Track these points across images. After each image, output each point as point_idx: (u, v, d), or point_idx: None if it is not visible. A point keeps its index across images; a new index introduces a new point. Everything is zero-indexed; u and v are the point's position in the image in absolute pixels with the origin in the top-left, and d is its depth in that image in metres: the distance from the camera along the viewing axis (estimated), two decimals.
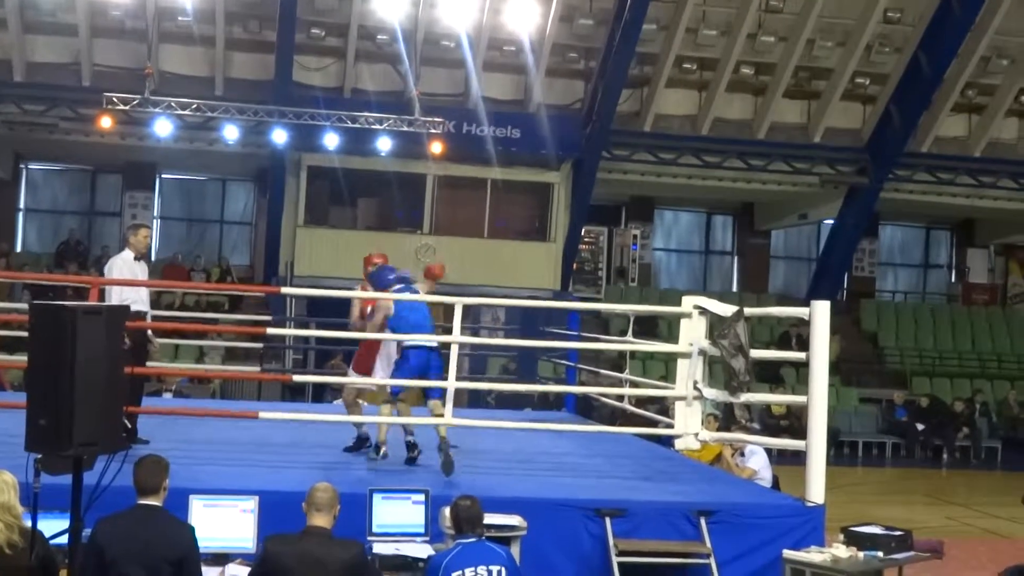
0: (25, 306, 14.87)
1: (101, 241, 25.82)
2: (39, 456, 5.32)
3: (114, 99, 19.63)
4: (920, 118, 24.26)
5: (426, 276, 10.57)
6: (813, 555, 8.02)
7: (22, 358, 11.25)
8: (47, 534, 6.10)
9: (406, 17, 21.32)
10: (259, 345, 16.27)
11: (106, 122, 20.19)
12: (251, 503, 7.22)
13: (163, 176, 26.38)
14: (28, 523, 5.93)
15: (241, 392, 20.16)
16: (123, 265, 9.88)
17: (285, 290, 9.06)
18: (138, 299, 9.63)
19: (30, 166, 26.23)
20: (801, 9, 22.68)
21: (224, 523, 7.12)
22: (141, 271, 10.01)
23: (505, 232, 23.95)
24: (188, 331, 17.60)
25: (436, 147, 21.28)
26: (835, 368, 23.31)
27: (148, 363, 10.23)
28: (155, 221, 26.28)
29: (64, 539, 6.20)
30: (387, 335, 9.82)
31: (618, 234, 27.15)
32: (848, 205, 25.49)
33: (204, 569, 6.50)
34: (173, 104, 20.02)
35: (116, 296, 9.55)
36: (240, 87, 22.24)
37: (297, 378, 9.34)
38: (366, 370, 10.26)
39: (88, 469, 5.38)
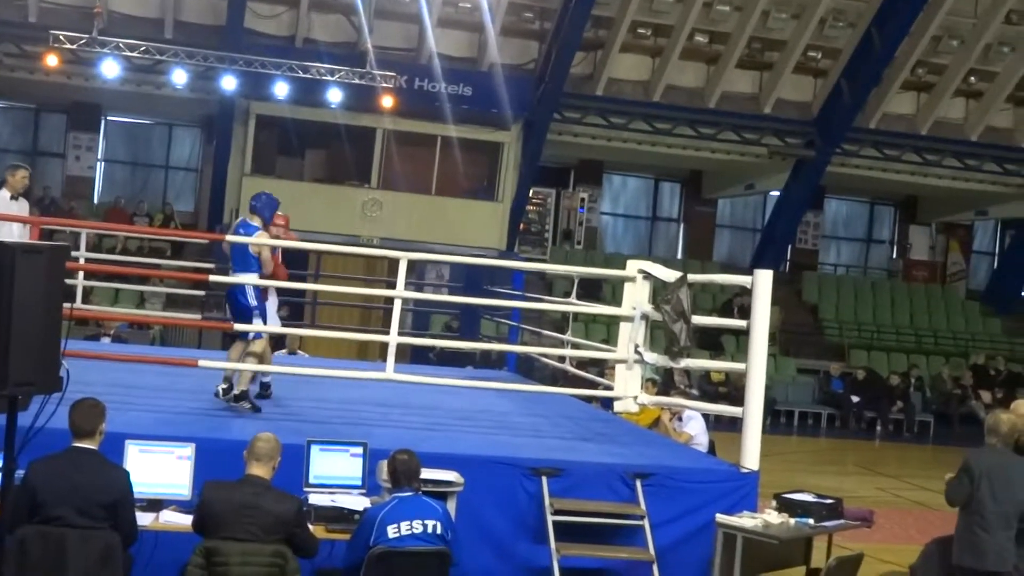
0: None
1: (43, 182, 25.38)
2: None
3: (61, 37, 19.28)
4: (870, 94, 24.47)
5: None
6: (745, 520, 8.12)
7: None
8: None
9: None
10: (201, 293, 16.13)
11: (52, 60, 19.82)
12: (188, 450, 7.19)
13: (108, 118, 25.96)
14: None
15: (182, 339, 20.01)
16: None
17: (230, 238, 8.93)
18: (11, 236, 9.85)
19: None
20: None
21: (159, 469, 7.09)
22: (19, 209, 10.45)
23: (452, 190, 23.86)
24: (129, 275, 17.42)
25: (387, 101, 21.13)
26: (774, 338, 23.58)
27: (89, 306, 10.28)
28: (99, 163, 25.92)
29: None
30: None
31: (566, 196, 27.16)
32: (795, 177, 25.67)
33: (138, 514, 6.49)
34: (121, 45, 19.71)
35: None
36: (190, 31, 21.94)
37: (238, 327, 9.28)
38: None
39: (23, 410, 5.33)
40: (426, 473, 7.06)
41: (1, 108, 26.05)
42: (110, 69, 20.00)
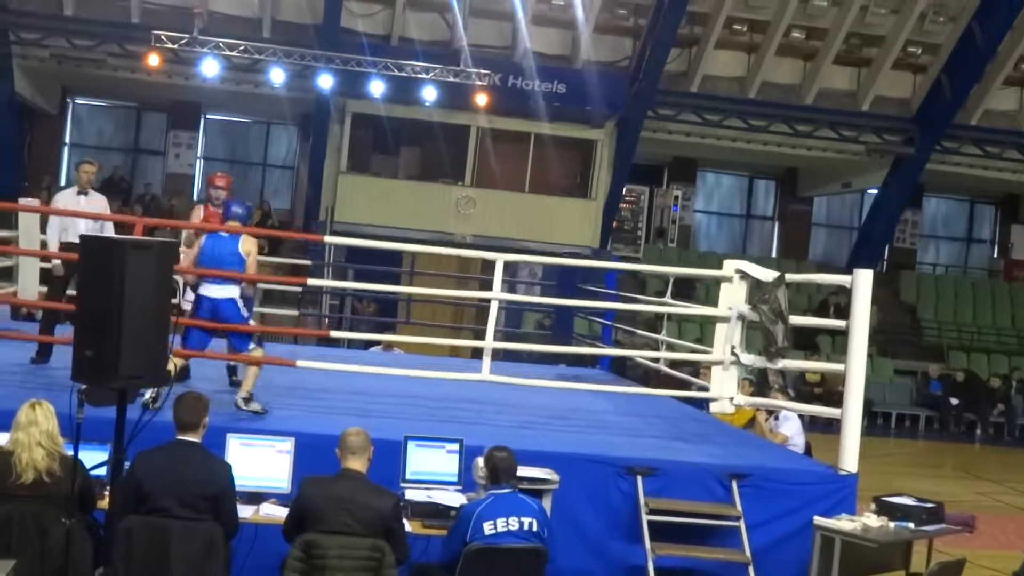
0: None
1: (144, 178, 25.99)
2: (83, 387, 5.39)
3: (162, 37, 19.66)
4: (971, 90, 23.95)
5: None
6: (844, 523, 8.02)
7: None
8: (86, 465, 6.19)
9: None
10: (298, 289, 16.35)
11: (153, 60, 20.20)
12: (287, 444, 7.28)
13: (208, 117, 26.45)
14: (69, 453, 6.02)
15: (278, 335, 20.25)
16: (61, 199, 10.64)
17: (328, 239, 9.08)
18: (76, 231, 10.09)
19: (77, 101, 26.38)
20: None
21: (260, 463, 7.19)
22: (88, 204, 10.44)
23: (546, 187, 23.86)
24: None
25: (481, 99, 21.21)
26: (872, 339, 23.06)
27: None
28: (198, 161, 26.41)
29: (102, 471, 6.31)
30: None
31: (659, 194, 27.03)
32: (893, 175, 25.26)
33: (239, 507, 6.58)
34: (221, 45, 20.04)
35: (56, 224, 10.40)
36: (287, 30, 22.22)
37: (334, 333, 9.40)
38: None
39: (132, 402, 5.45)
40: (522, 471, 7.07)
41: (104, 107, 26.66)
42: (210, 68, 20.34)
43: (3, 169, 22.27)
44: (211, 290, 8.90)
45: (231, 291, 8.94)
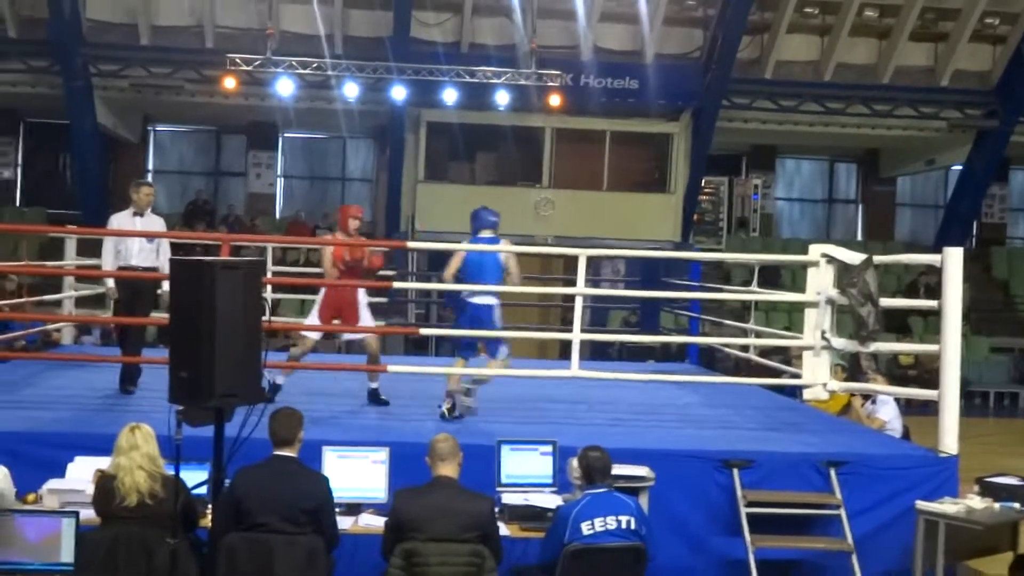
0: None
1: (227, 200, 26.34)
2: (180, 408, 5.49)
3: (237, 60, 19.93)
4: None
5: None
6: (947, 506, 7.89)
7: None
8: (188, 484, 6.29)
9: None
10: (383, 300, 16.47)
11: (229, 83, 20.42)
12: (382, 454, 7.34)
13: (285, 135, 26.75)
14: (170, 473, 6.13)
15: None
16: (115, 221, 10.38)
17: (411, 244, 9.18)
18: (128, 253, 10.17)
19: (157, 128, 26.82)
20: None
21: (356, 474, 7.26)
22: (144, 226, 10.31)
23: (624, 184, 23.78)
24: (314, 286, 17.86)
25: (554, 100, 21.16)
26: (965, 317, 22.68)
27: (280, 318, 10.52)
28: (279, 179, 26.73)
29: (203, 489, 6.41)
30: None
31: (739, 184, 26.77)
32: (977, 150, 24.77)
33: (338, 518, 6.64)
34: (294, 64, 20.25)
35: (111, 247, 10.25)
36: (359, 44, 22.37)
37: (424, 331, 9.49)
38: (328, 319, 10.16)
39: (228, 420, 5.53)
40: (617, 469, 7.06)
41: (184, 132, 27.09)
42: (285, 87, 20.55)
43: (90, 199, 22.74)
44: (475, 297, 9.68)
45: (491, 299, 9.70)
